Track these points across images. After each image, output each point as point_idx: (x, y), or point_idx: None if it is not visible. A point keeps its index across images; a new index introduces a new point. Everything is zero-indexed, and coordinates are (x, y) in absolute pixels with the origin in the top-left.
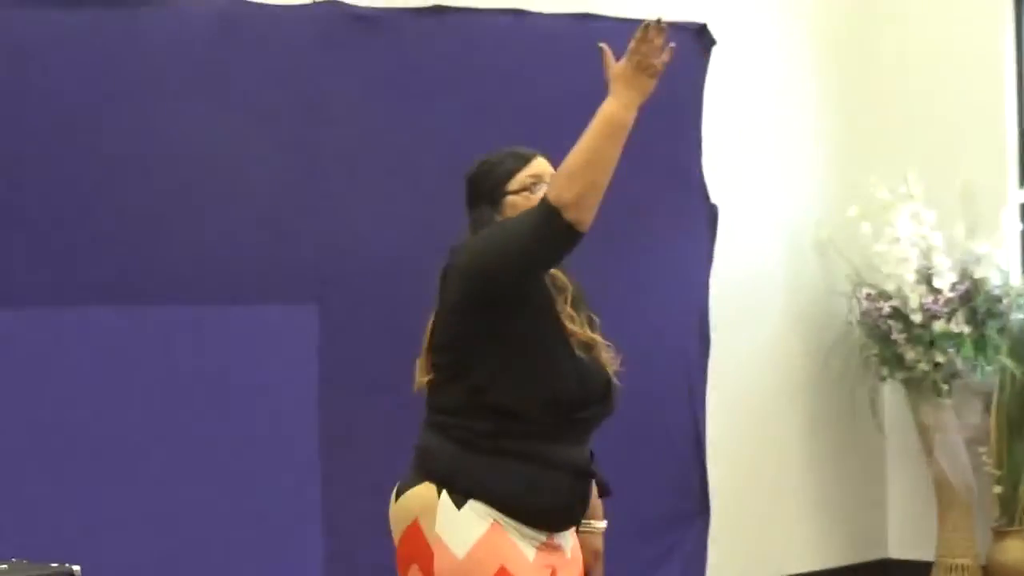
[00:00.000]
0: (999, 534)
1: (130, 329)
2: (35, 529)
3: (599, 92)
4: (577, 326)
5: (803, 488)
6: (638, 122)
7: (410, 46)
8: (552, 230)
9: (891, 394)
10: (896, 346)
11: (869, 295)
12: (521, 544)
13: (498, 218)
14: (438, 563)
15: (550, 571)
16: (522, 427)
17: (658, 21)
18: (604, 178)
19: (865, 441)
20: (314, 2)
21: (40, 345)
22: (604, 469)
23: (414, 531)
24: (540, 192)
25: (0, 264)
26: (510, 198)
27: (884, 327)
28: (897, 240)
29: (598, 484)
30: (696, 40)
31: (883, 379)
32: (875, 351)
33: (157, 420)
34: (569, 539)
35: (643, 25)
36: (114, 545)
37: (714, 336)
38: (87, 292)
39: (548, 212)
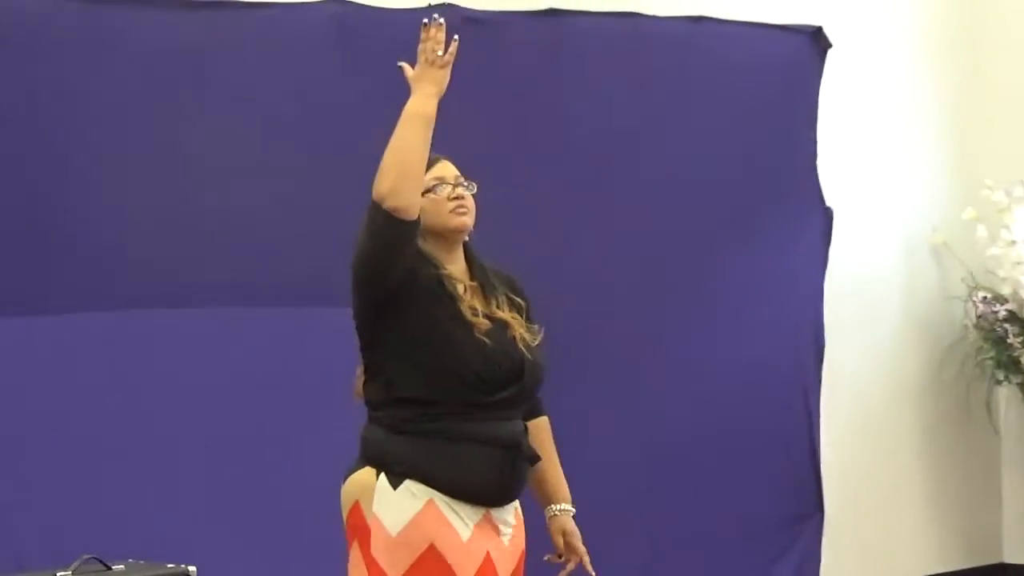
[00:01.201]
0: None
1: (206, 328)
2: (137, 530)
3: (713, 93)
4: (480, 316)
5: (918, 491)
6: (754, 124)
7: (522, 49)
8: (378, 223)
9: (1007, 397)
10: (1012, 349)
11: (985, 298)
12: (456, 523)
13: None
14: (374, 540)
15: (484, 554)
16: (440, 410)
17: (434, 18)
18: (415, 166)
19: (980, 445)
20: (428, 5)
21: (88, 348)
22: (720, 470)
23: (356, 512)
24: (443, 193)
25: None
26: None
27: (1000, 330)
28: (1013, 243)
29: (528, 455)
30: (812, 43)
31: (999, 382)
32: (991, 355)
33: (230, 421)
34: (510, 524)
35: (423, 24)
36: (216, 545)
37: (829, 339)
38: (159, 294)
39: (372, 207)
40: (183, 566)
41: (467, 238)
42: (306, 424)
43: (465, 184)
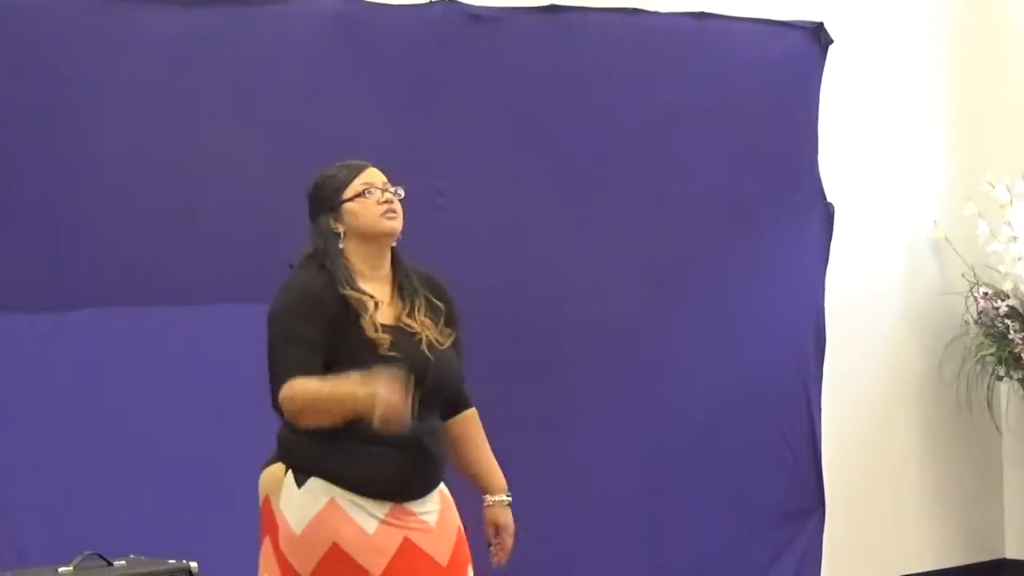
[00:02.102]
0: None
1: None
2: (138, 526)
3: (715, 89)
4: (380, 331)
5: (919, 487)
6: (755, 120)
7: (525, 45)
8: (274, 392)
9: (1008, 393)
10: (1013, 345)
11: (986, 294)
12: (361, 519)
13: (339, 227)
14: (281, 537)
15: (400, 541)
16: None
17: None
18: (319, 421)
19: (981, 440)
20: (430, 2)
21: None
22: (721, 466)
23: (266, 506)
24: (372, 197)
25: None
26: (347, 205)
27: (1001, 326)
28: (1014, 239)
29: (431, 453)
30: (813, 39)
31: (1000, 378)
32: (992, 350)
33: (233, 418)
34: (432, 509)
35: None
36: (218, 541)
37: (830, 335)
38: (160, 291)
39: (275, 394)
40: (184, 562)
41: (395, 243)
42: None
43: (392, 190)
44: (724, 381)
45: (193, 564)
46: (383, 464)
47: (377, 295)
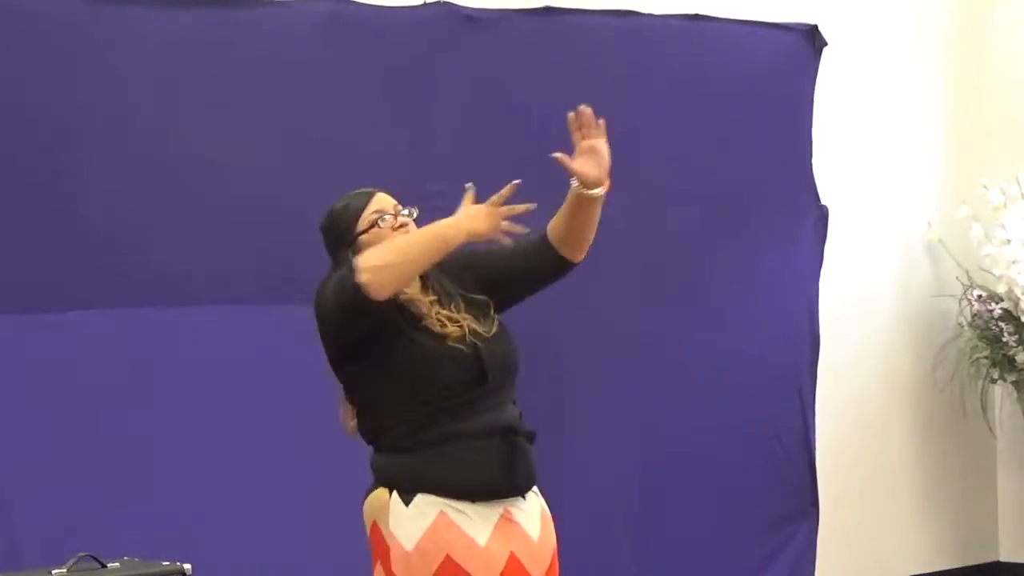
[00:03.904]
0: None
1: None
2: (132, 527)
3: (709, 91)
4: (449, 326)
5: (913, 490)
6: (749, 123)
7: (519, 47)
8: (347, 292)
9: (1002, 396)
10: (1007, 348)
11: (980, 297)
12: (472, 530)
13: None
14: (393, 558)
15: (508, 555)
16: (430, 421)
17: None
18: (410, 270)
19: (975, 443)
20: (424, 3)
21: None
22: (715, 469)
23: (375, 532)
24: (386, 224)
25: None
26: (362, 237)
27: (995, 329)
28: (1008, 242)
29: (525, 434)
30: (807, 41)
31: (994, 381)
32: (986, 353)
33: (228, 419)
34: (532, 518)
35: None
36: (220, 545)
37: (824, 338)
38: (159, 292)
39: (350, 272)
40: (178, 564)
41: None
42: (304, 423)
43: (405, 212)
44: (719, 384)
45: (187, 566)
46: (485, 458)
47: None
